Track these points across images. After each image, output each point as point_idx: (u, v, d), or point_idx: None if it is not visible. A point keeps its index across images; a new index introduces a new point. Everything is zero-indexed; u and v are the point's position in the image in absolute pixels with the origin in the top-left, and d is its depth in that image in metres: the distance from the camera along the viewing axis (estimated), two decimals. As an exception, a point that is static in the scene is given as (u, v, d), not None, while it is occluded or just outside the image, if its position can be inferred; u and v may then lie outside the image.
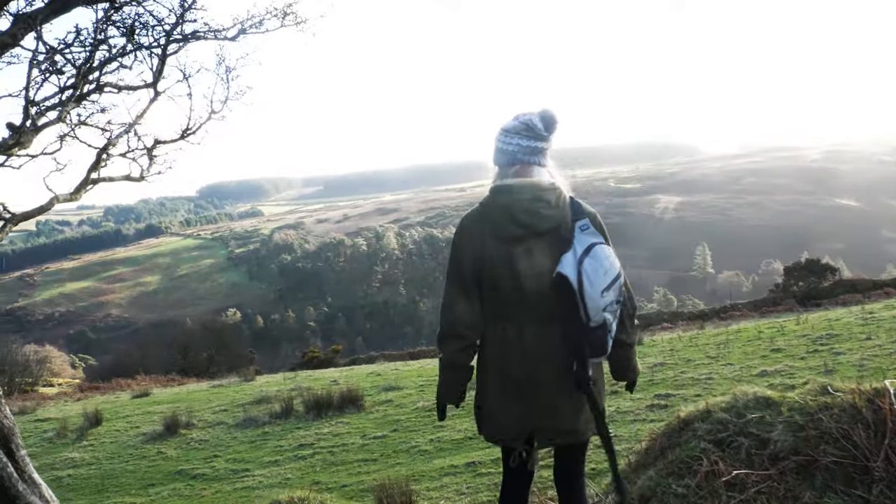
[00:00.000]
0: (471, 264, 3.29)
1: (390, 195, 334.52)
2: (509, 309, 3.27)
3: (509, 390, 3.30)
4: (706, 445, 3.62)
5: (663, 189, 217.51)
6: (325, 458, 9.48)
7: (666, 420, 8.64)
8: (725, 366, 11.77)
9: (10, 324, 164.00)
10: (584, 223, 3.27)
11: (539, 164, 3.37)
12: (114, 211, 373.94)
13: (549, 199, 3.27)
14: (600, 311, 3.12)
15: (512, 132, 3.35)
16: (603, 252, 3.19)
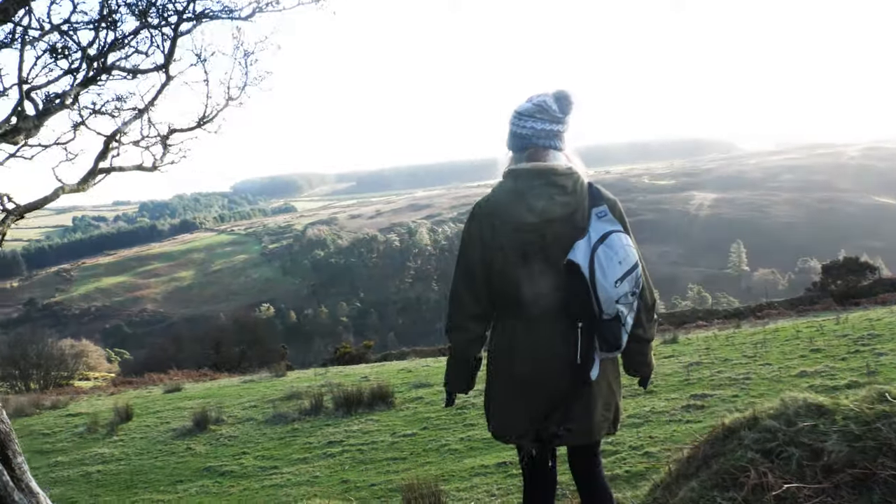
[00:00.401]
0: (480, 254, 3.14)
1: (423, 191, 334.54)
2: (519, 301, 3.11)
3: (517, 386, 3.15)
4: (753, 455, 3.35)
5: (698, 186, 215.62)
6: (354, 455, 9.35)
7: (703, 421, 8.45)
8: (763, 366, 11.49)
9: (47, 318, 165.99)
10: (602, 210, 3.08)
11: (555, 147, 3.19)
12: (149, 206, 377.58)
13: (564, 184, 3.09)
14: (613, 302, 2.93)
15: (525, 115, 3.17)
16: (619, 240, 3.01)
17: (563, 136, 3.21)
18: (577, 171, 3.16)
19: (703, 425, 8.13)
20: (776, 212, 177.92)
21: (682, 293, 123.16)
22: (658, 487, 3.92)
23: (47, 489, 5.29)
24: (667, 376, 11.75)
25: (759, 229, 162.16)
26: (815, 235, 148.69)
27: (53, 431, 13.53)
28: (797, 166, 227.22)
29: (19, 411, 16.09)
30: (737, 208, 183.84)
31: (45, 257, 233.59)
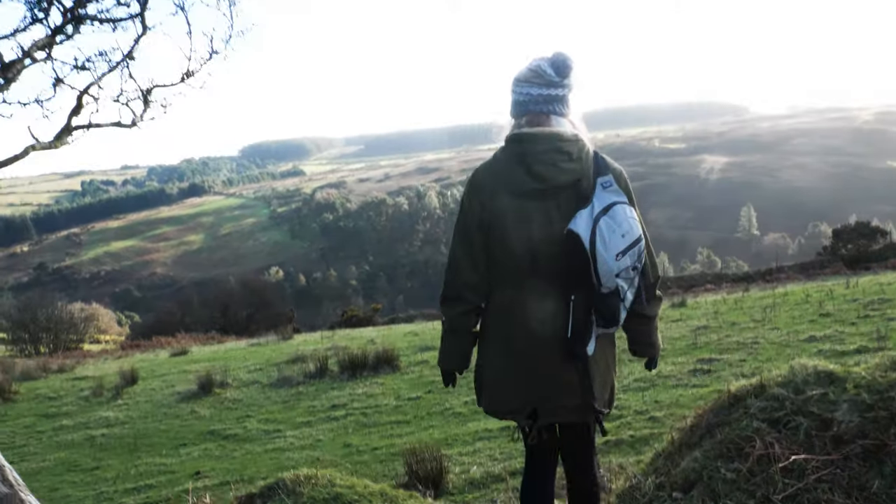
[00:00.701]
0: (478, 221, 2.99)
1: (432, 154, 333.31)
2: (517, 272, 2.98)
3: (511, 360, 3.02)
4: (759, 425, 3.22)
5: (709, 149, 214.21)
6: (358, 419, 9.30)
7: (709, 386, 8.34)
8: (772, 330, 11.37)
9: (57, 282, 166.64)
10: (608, 180, 2.93)
11: (556, 112, 3.02)
12: (157, 170, 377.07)
13: (569, 150, 2.93)
14: (613, 276, 2.79)
15: (522, 80, 3.02)
16: (623, 212, 2.85)
17: (564, 100, 3.04)
18: (583, 138, 3.03)
19: (709, 390, 8.04)
20: (787, 176, 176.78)
21: (692, 257, 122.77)
22: (660, 456, 3.78)
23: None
24: (674, 340, 11.65)
25: (770, 193, 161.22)
26: (827, 200, 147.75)
27: (59, 395, 13.52)
28: (810, 130, 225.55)
29: (26, 375, 16.10)
30: (748, 172, 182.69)
31: (54, 221, 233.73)
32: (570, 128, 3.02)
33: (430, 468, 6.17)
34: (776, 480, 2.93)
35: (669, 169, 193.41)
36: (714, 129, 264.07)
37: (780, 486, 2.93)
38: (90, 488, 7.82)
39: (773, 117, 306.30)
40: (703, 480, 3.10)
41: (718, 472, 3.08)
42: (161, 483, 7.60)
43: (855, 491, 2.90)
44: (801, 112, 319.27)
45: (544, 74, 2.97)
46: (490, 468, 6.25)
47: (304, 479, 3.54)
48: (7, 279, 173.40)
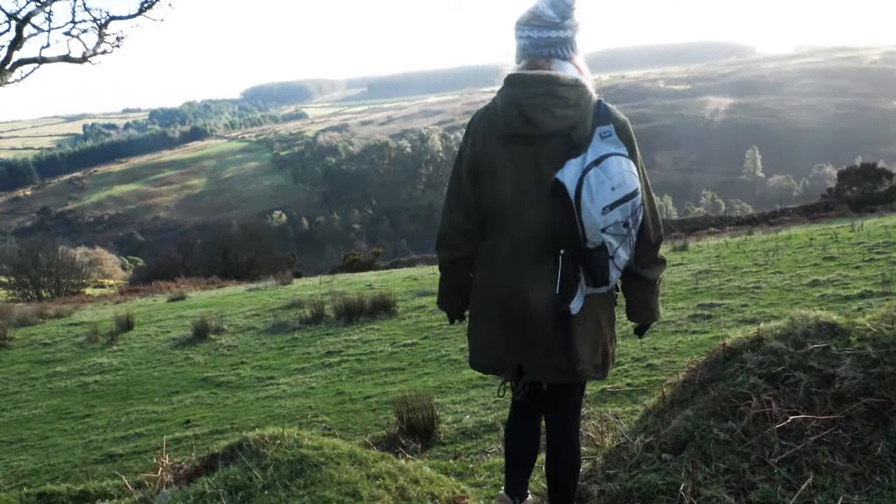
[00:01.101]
0: (470, 165, 2.85)
1: (435, 97, 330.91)
2: (505, 220, 2.82)
3: (496, 314, 2.87)
4: (756, 381, 2.99)
5: (714, 90, 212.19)
6: (353, 366, 9.17)
7: (709, 332, 8.18)
8: (774, 274, 11.19)
9: (60, 226, 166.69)
10: (607, 129, 2.70)
11: (558, 56, 2.83)
12: (159, 114, 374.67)
13: (567, 95, 2.71)
14: (599, 231, 2.60)
15: (523, 23, 2.83)
16: (618, 164, 2.63)
17: (568, 43, 2.84)
18: (585, 83, 2.81)
19: (708, 336, 7.88)
20: (793, 117, 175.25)
21: (696, 200, 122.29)
22: (650, 414, 3.54)
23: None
24: (675, 285, 11.48)
25: (775, 135, 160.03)
26: (833, 141, 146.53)
27: (55, 341, 13.42)
28: (816, 70, 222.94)
29: (22, 320, 16.00)
30: (753, 113, 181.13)
31: (56, 165, 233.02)
32: (574, 72, 2.83)
33: (421, 418, 6.03)
34: (772, 442, 2.72)
35: (674, 111, 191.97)
36: (719, 70, 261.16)
37: (777, 448, 2.72)
38: (80, 436, 7.72)
39: (778, 58, 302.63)
40: (695, 441, 2.90)
41: (711, 433, 2.87)
42: (151, 431, 7.50)
43: (858, 454, 2.68)
44: (807, 52, 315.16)
45: (543, 15, 2.79)
46: (483, 417, 6.12)
47: (268, 439, 3.36)
48: (10, 223, 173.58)
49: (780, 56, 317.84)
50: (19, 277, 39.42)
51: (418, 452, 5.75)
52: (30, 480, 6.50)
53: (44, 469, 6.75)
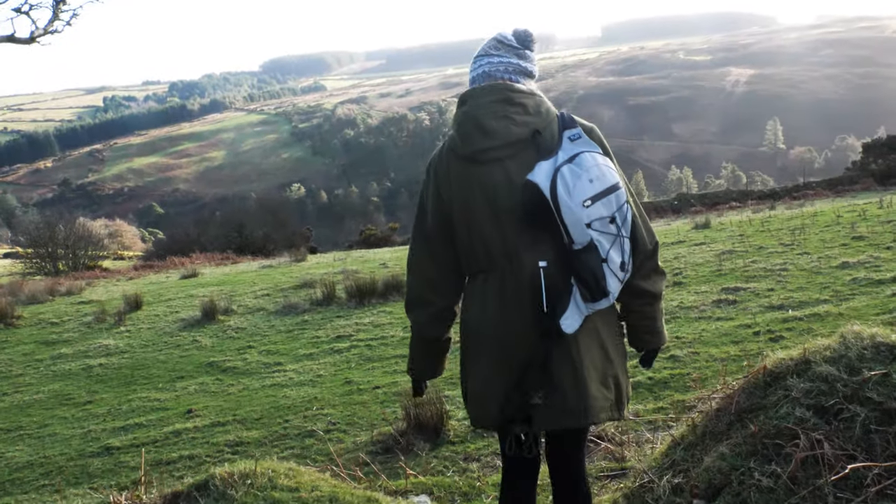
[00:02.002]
0: (436, 204, 2.57)
1: (454, 68, 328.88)
2: (488, 251, 2.49)
3: (494, 356, 2.48)
4: (804, 414, 2.57)
5: (735, 61, 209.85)
6: (362, 352, 8.86)
7: (735, 319, 7.79)
8: (801, 255, 10.78)
9: (81, 198, 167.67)
10: (576, 132, 2.46)
11: (516, 81, 2.60)
12: (178, 86, 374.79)
13: (524, 102, 2.49)
14: (583, 226, 2.28)
15: (481, 54, 2.67)
16: (593, 159, 2.36)
17: (527, 74, 2.65)
18: (543, 96, 2.59)
19: (734, 324, 7.52)
20: (815, 87, 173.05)
21: (716, 172, 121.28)
22: (678, 447, 3.08)
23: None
24: (697, 266, 11.10)
25: (797, 106, 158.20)
26: (855, 112, 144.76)
27: (63, 320, 13.18)
28: (838, 40, 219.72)
29: (32, 298, 15.78)
30: (774, 84, 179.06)
31: (77, 137, 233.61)
32: (529, 86, 2.62)
33: (430, 414, 5.72)
34: (826, 494, 2.28)
35: (694, 82, 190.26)
36: (740, 40, 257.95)
37: (832, 501, 2.29)
38: (79, 425, 7.45)
39: (800, 28, 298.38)
40: (732, 487, 2.46)
41: (751, 477, 2.45)
42: (151, 422, 7.21)
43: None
44: (829, 22, 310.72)
45: (505, 40, 2.64)
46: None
47: (237, 478, 3.00)
48: (32, 195, 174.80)
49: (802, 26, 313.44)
50: (36, 250, 39.28)
51: (426, 452, 5.44)
52: (23, 474, 6.23)
53: (38, 462, 6.48)
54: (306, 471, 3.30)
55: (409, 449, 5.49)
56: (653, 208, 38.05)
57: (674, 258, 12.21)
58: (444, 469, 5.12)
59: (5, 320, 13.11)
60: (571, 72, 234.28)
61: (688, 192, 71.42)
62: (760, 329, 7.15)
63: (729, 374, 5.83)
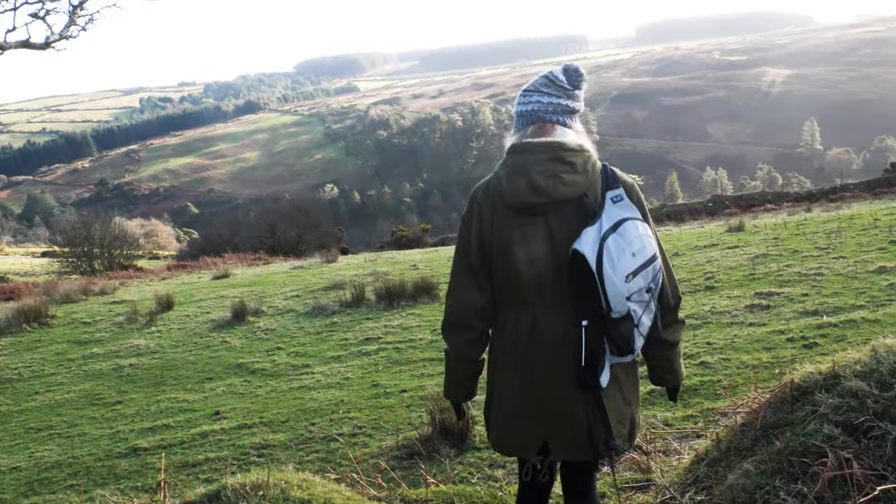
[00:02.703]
0: (478, 239, 2.73)
1: (486, 70, 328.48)
2: (522, 294, 2.66)
3: (520, 391, 2.69)
4: (832, 431, 2.47)
5: (771, 61, 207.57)
6: (390, 355, 8.83)
7: (768, 325, 7.67)
8: (837, 259, 10.60)
9: (117, 198, 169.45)
10: (618, 194, 2.62)
11: (563, 123, 2.75)
12: (213, 87, 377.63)
13: (573, 161, 2.63)
14: (624, 299, 2.45)
15: (531, 90, 2.78)
16: (635, 229, 2.54)
17: (573, 113, 2.80)
18: (590, 149, 2.73)
19: (767, 329, 7.40)
20: (853, 88, 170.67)
21: (751, 173, 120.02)
22: (701, 462, 3.00)
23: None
24: (730, 270, 10.96)
25: (834, 106, 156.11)
26: (894, 113, 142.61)
27: (95, 320, 13.29)
28: (877, 39, 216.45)
29: (66, 297, 15.92)
30: (811, 84, 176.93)
31: (114, 138, 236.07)
32: (575, 138, 2.74)
33: (455, 419, 5.66)
34: None
35: (729, 82, 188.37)
36: (776, 40, 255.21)
37: None
38: (108, 426, 7.50)
39: (838, 27, 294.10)
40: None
41: (777, 496, 2.35)
42: (179, 423, 7.24)
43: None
44: (868, 21, 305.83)
45: (556, 80, 2.75)
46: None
47: (249, 489, 2.96)
48: (69, 195, 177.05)
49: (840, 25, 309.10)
50: (73, 249, 39.71)
51: (451, 458, 5.40)
52: (52, 474, 6.27)
53: (66, 461, 6.52)
54: (320, 482, 3.26)
55: (434, 455, 5.44)
56: (687, 210, 37.72)
57: (706, 262, 12.07)
58: (468, 476, 5.07)
59: (39, 320, 13.26)
60: (605, 72, 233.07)
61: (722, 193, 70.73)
62: (794, 335, 7.03)
63: (760, 381, 5.74)
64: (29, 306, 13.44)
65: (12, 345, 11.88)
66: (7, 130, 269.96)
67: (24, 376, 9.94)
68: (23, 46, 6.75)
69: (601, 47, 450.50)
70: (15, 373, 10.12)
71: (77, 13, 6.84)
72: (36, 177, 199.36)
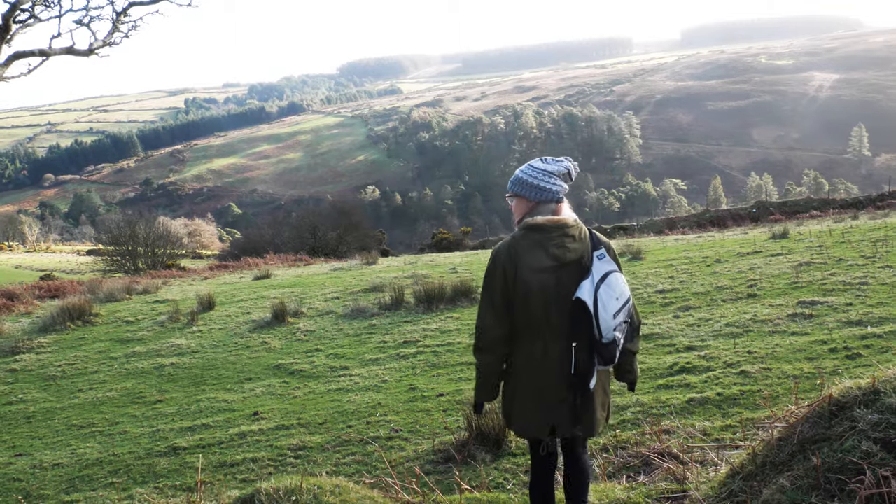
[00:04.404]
0: (502, 289, 3.68)
1: (529, 72, 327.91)
2: (537, 328, 3.64)
3: (536, 394, 3.69)
4: (871, 448, 2.41)
5: (819, 66, 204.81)
6: (428, 358, 8.84)
7: (810, 334, 7.56)
8: (883, 268, 10.43)
9: (162, 197, 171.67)
10: (601, 253, 3.66)
11: (564, 200, 3.84)
12: (257, 88, 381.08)
13: (574, 234, 3.70)
14: (612, 330, 3.53)
15: (556, 175, 3.79)
16: (616, 280, 3.60)
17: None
18: (580, 222, 3.79)
19: (809, 339, 7.29)
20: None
21: (797, 179, 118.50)
22: (736, 476, 2.97)
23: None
24: (773, 278, 10.82)
25: (884, 112, 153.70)
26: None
27: (137, 319, 13.45)
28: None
29: (110, 296, 16.13)
30: (860, 89, 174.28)
31: (159, 138, 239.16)
32: (571, 213, 3.79)
33: (492, 424, 5.67)
34: None
35: (776, 87, 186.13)
36: (825, 44, 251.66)
37: None
38: (148, 424, 7.59)
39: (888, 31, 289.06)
40: None
41: None
42: (218, 423, 7.30)
43: None
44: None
45: (571, 174, 3.82)
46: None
47: (283, 494, 2.98)
48: (115, 194, 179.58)
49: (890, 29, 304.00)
50: (117, 248, 40.24)
51: (487, 463, 5.39)
52: (93, 471, 6.35)
53: (107, 459, 6.60)
54: (353, 487, 3.27)
55: (470, 460, 5.44)
56: (730, 216, 37.34)
57: (749, 269, 11.93)
58: (504, 482, 5.06)
59: (83, 318, 13.45)
60: (649, 76, 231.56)
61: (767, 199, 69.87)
62: (837, 345, 6.92)
63: (801, 392, 5.66)
64: (73, 304, 13.62)
65: (57, 342, 12.06)
66: (55, 130, 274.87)
67: (67, 374, 10.09)
68: (67, 53, 6.85)
69: (645, 50, 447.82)
70: (59, 370, 10.27)
71: (120, 20, 6.91)
72: (83, 176, 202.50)
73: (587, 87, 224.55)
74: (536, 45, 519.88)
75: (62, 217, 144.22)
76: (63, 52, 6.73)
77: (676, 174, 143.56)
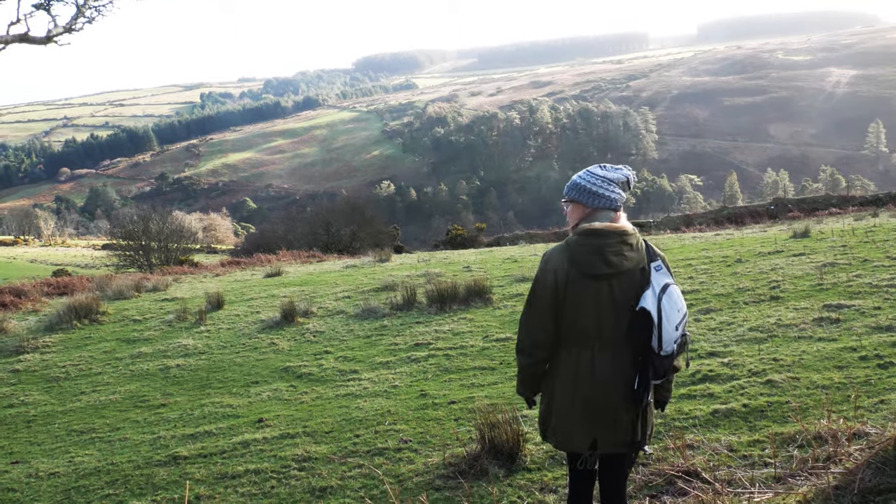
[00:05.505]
0: (551, 294, 3.57)
1: (545, 67, 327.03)
2: (586, 336, 3.54)
3: (578, 405, 3.55)
4: None
5: (836, 61, 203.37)
6: (440, 362, 8.56)
7: (838, 340, 7.21)
8: (911, 270, 10.05)
9: (177, 192, 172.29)
10: (659, 264, 3.59)
11: (621, 209, 3.75)
12: (273, 83, 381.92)
13: (632, 243, 3.58)
14: (672, 342, 3.46)
15: (616, 183, 3.70)
16: (676, 293, 3.53)
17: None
18: (636, 231, 3.67)
19: (837, 346, 6.96)
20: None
21: (814, 175, 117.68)
22: None
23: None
24: (796, 279, 10.48)
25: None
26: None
27: (145, 318, 13.21)
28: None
29: (118, 294, 15.92)
30: (878, 86, 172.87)
31: (174, 132, 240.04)
32: (627, 222, 3.69)
33: (505, 437, 5.37)
34: None
35: (792, 82, 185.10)
36: (842, 39, 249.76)
37: None
38: (150, 430, 7.33)
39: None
40: None
41: None
42: (221, 430, 7.03)
43: None
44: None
45: (630, 183, 3.74)
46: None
47: None
48: (131, 188, 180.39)
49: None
50: (129, 243, 40.07)
51: (500, 479, 5.10)
52: (89, 482, 6.10)
53: (105, 468, 6.34)
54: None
55: (482, 475, 5.15)
56: (748, 213, 36.94)
57: (771, 269, 11.60)
58: (517, 500, 4.79)
59: (90, 316, 13.22)
60: (665, 71, 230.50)
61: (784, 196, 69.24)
62: (867, 353, 6.60)
63: (833, 405, 5.34)
64: (80, 303, 13.38)
65: (62, 341, 11.84)
66: (71, 124, 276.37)
67: (71, 375, 9.85)
68: (20, 41, 6.55)
69: (662, 45, 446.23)
70: (62, 371, 10.04)
71: (88, 4, 6.61)
72: (98, 170, 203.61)
73: (603, 82, 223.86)
74: (552, 41, 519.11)
75: (78, 211, 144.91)
76: (16, 41, 6.41)
77: (692, 170, 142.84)
